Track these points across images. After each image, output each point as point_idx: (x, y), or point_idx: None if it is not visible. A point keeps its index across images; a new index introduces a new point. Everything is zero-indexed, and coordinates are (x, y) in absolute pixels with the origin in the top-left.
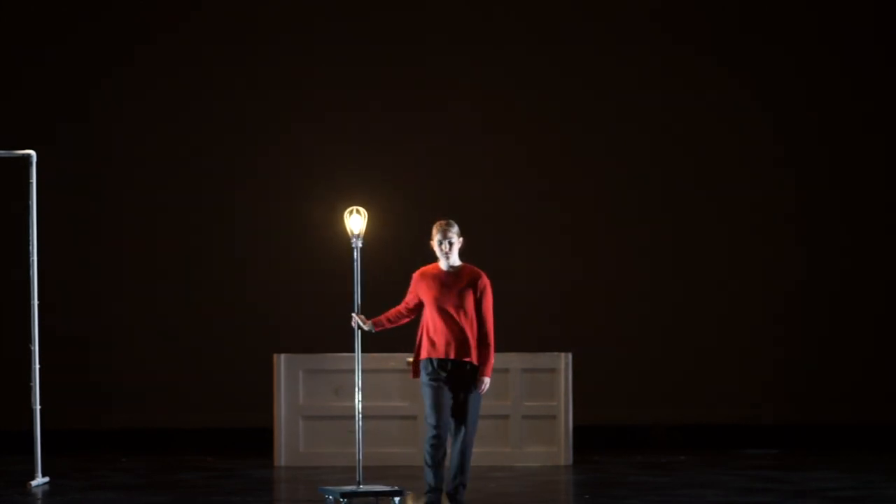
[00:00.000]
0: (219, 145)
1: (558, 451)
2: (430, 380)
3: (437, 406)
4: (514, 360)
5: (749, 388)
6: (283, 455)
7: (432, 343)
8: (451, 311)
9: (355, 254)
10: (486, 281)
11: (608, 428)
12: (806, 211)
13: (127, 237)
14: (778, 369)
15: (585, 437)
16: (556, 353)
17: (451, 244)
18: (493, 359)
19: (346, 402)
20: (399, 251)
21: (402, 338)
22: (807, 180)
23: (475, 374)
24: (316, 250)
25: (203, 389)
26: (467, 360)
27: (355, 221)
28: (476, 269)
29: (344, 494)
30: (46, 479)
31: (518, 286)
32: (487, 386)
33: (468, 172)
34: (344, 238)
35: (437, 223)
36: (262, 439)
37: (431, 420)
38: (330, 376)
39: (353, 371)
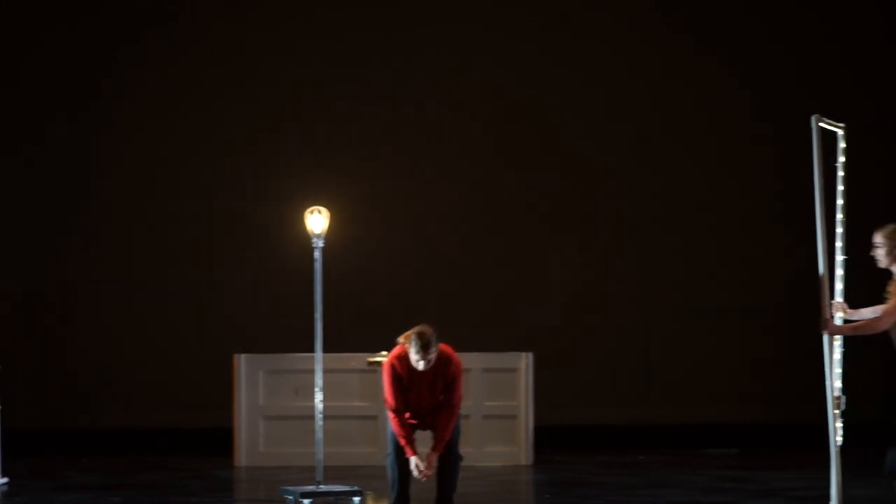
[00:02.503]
0: (183, 147)
1: (519, 450)
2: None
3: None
4: (475, 359)
5: (712, 387)
6: (243, 455)
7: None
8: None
9: (316, 254)
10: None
11: (569, 428)
12: (779, 212)
13: (91, 237)
14: (741, 368)
15: (546, 437)
16: (516, 353)
17: (428, 362)
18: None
19: (307, 402)
20: (360, 251)
21: (363, 338)
22: (750, 189)
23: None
24: (277, 250)
25: (164, 390)
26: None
27: (316, 221)
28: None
29: (304, 494)
30: (6, 479)
31: (479, 286)
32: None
33: (430, 173)
34: (305, 238)
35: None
36: (222, 439)
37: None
38: (290, 376)
39: (313, 371)
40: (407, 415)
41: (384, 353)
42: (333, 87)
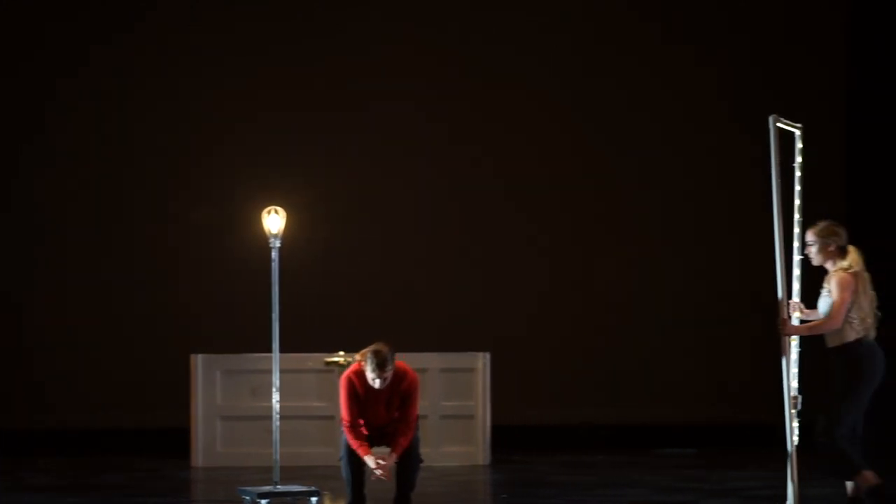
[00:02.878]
0: (139, 145)
1: (476, 450)
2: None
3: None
4: (432, 359)
5: (669, 387)
6: (200, 455)
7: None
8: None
9: (273, 254)
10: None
11: (526, 428)
12: (726, 215)
13: (46, 234)
14: (697, 368)
15: (503, 437)
16: (473, 353)
17: (384, 380)
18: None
19: (264, 402)
20: (317, 251)
21: (320, 338)
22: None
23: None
24: (234, 250)
25: (121, 390)
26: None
27: (273, 221)
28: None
29: (261, 495)
30: None
31: (436, 286)
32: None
33: (389, 172)
34: (262, 238)
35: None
36: (179, 440)
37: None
38: (247, 376)
39: (270, 371)
40: (364, 431)
41: (342, 353)
42: (291, 87)
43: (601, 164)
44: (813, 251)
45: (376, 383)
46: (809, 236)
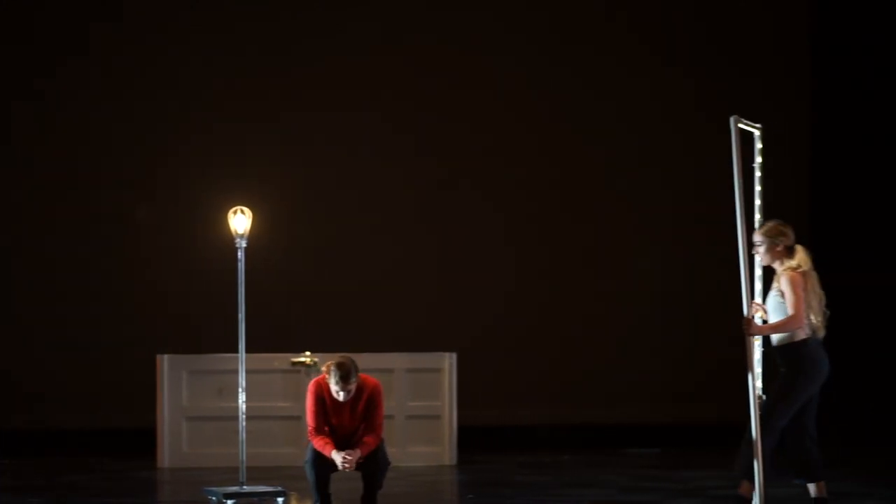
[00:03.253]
0: (107, 144)
1: (442, 450)
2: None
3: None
4: (399, 360)
5: (633, 387)
6: (166, 456)
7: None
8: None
9: (239, 254)
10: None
11: (492, 428)
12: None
13: (12, 235)
14: (663, 368)
15: (470, 437)
16: (440, 353)
17: (348, 392)
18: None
19: (230, 402)
20: (283, 251)
21: (287, 338)
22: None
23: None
24: (200, 251)
25: (87, 391)
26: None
27: (239, 221)
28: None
29: (227, 495)
30: None
31: (402, 286)
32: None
33: (352, 174)
34: (228, 238)
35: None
36: (146, 441)
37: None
38: (213, 377)
39: (236, 372)
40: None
41: (308, 353)
42: (253, 88)
43: (567, 165)
44: (761, 251)
45: (340, 395)
46: (757, 237)
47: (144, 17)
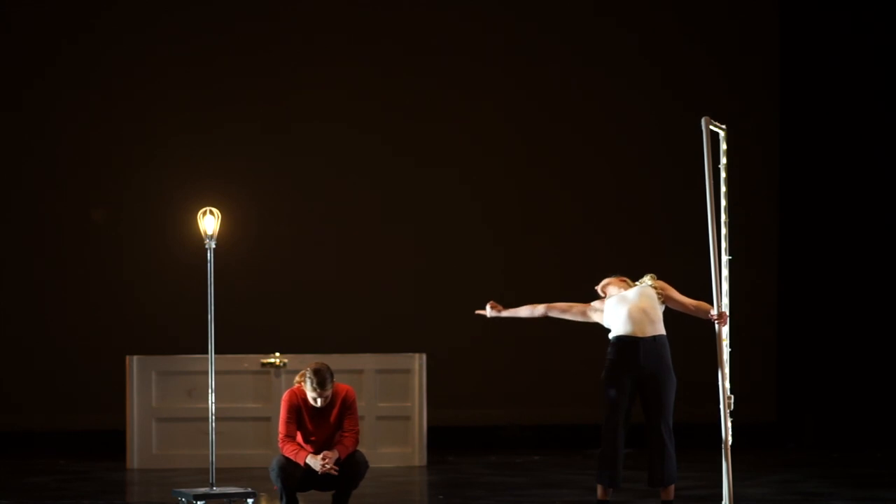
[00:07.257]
0: (76, 148)
1: (412, 451)
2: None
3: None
4: (368, 360)
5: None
6: (135, 457)
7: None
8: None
9: (209, 255)
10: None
11: (462, 428)
12: (669, 213)
13: None
14: None
15: (439, 438)
16: (409, 354)
17: (325, 398)
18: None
19: (200, 403)
20: (253, 252)
21: (256, 339)
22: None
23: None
24: (170, 251)
25: (55, 391)
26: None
27: (209, 222)
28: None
29: (197, 496)
30: None
31: (371, 287)
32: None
33: (322, 174)
34: (198, 239)
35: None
36: (115, 442)
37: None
38: (183, 378)
39: (206, 373)
40: (300, 441)
41: (277, 354)
42: (224, 90)
43: (536, 170)
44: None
45: (317, 402)
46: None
47: (118, 21)
